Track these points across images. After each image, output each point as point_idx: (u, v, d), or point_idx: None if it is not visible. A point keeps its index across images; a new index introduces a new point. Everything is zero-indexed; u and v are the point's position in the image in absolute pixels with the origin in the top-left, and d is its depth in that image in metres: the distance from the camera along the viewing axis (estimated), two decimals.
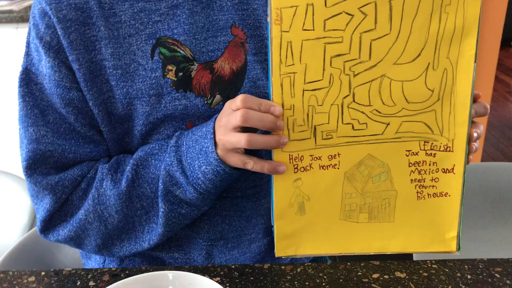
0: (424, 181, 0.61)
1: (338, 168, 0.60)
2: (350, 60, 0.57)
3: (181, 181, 0.65)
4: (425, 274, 0.65)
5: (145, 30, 0.66)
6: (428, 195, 0.62)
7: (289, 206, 0.61)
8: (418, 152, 0.60)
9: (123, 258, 0.75)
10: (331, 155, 0.60)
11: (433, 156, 0.60)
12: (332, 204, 0.62)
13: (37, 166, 0.67)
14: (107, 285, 0.57)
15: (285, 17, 0.55)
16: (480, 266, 0.66)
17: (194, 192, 0.64)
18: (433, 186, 0.62)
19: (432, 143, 0.60)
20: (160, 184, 0.65)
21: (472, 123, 0.60)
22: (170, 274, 0.60)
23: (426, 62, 0.57)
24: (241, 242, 0.76)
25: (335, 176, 0.61)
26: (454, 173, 0.61)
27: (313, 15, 0.55)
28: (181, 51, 0.67)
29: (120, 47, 0.66)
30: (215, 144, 0.61)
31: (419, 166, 0.61)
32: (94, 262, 0.78)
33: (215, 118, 0.63)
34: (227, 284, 0.64)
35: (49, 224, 0.69)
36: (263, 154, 0.63)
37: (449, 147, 0.60)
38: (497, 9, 2.05)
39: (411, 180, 0.61)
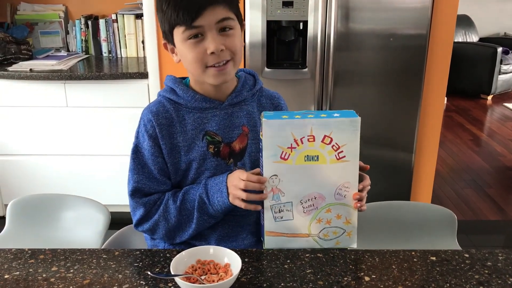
0: None
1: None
2: None
3: (207, 203, 1.18)
4: None
5: (199, 127, 1.22)
6: None
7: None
8: None
9: (175, 244, 1.27)
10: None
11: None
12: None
13: (136, 193, 1.22)
14: (172, 257, 1.01)
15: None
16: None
17: (213, 210, 1.18)
18: None
19: None
20: (196, 203, 1.19)
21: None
22: (211, 248, 1.07)
23: None
24: (238, 239, 1.28)
25: None
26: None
27: None
28: (216, 138, 1.23)
29: (186, 135, 1.21)
30: (227, 191, 1.15)
31: None
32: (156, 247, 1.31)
33: (227, 175, 1.16)
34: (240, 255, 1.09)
35: (139, 223, 1.23)
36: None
37: None
38: (442, 60, 2.50)
39: None
